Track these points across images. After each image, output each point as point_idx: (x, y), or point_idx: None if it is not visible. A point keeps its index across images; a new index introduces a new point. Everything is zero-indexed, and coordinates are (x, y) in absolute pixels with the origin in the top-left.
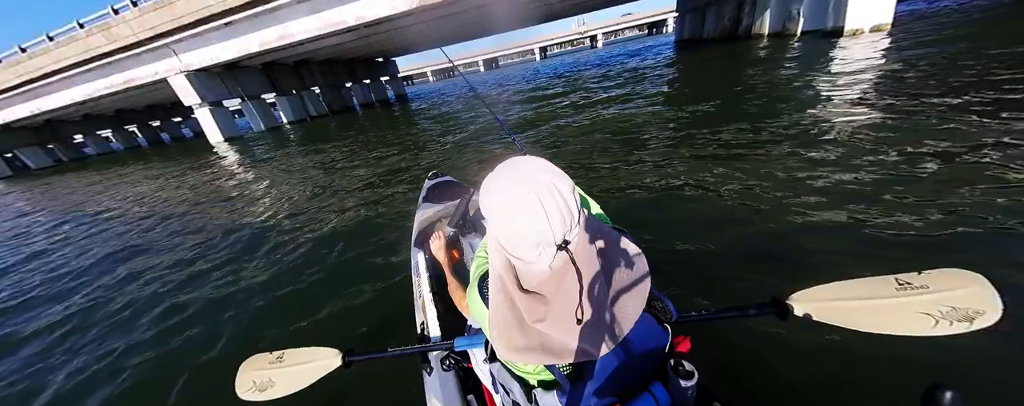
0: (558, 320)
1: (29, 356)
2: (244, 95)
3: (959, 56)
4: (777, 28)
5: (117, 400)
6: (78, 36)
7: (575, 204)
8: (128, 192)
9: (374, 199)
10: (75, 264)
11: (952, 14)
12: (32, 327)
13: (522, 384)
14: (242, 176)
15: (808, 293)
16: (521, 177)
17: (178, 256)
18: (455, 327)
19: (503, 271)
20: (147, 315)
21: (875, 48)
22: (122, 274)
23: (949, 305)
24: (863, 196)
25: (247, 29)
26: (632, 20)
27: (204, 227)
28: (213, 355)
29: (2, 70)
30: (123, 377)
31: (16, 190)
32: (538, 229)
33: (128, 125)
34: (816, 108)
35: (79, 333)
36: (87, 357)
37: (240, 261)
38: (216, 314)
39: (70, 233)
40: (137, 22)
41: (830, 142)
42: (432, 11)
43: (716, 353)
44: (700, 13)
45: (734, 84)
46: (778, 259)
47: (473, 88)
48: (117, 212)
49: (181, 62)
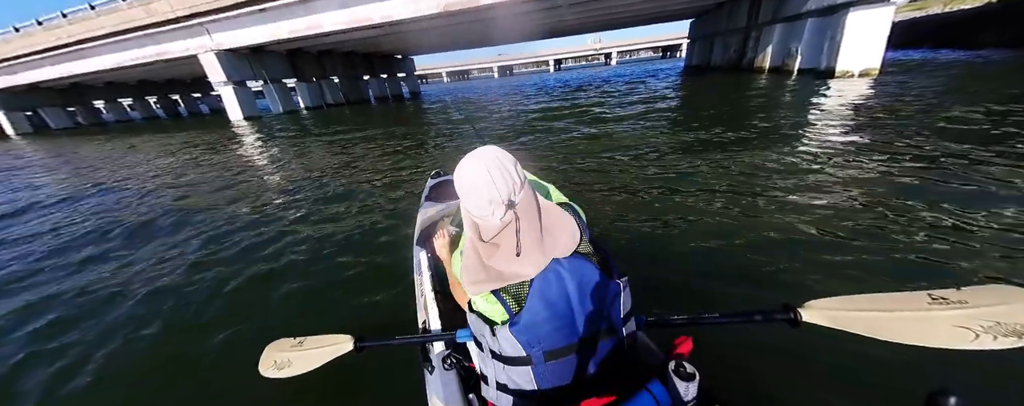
0: (504, 256)
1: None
2: (267, 78)
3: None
4: (777, 63)
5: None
6: (120, 7)
7: (517, 174)
8: (167, 162)
9: (383, 192)
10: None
11: (938, 66)
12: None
13: (490, 326)
14: (263, 155)
15: (824, 302)
16: (476, 156)
17: (203, 234)
18: (457, 324)
19: (469, 229)
20: (173, 292)
21: (859, 90)
22: (169, 241)
23: (992, 320)
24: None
25: (279, 16)
26: (649, 42)
27: (226, 206)
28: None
29: (42, 32)
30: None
31: (59, 147)
32: (486, 190)
33: (148, 96)
34: (803, 140)
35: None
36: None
37: (251, 248)
38: (226, 298)
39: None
40: (177, 0)
41: (818, 171)
42: (453, 16)
43: (716, 354)
44: (709, 42)
45: (733, 108)
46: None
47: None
48: (168, 179)
49: (213, 41)
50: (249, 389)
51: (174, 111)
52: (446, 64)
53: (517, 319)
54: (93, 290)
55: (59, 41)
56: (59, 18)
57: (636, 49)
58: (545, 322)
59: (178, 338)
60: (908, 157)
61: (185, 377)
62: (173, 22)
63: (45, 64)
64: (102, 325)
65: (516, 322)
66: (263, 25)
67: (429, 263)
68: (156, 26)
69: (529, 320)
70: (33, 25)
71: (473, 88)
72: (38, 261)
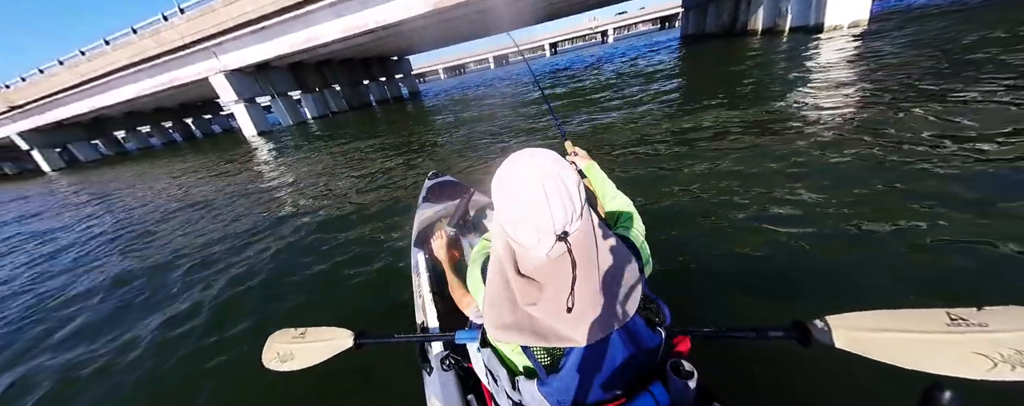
0: (549, 306)
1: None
2: (274, 93)
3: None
4: (769, 24)
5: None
6: (132, 41)
7: (579, 198)
8: (201, 182)
9: (386, 193)
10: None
11: (924, 9)
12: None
13: (508, 371)
14: (278, 169)
15: (837, 320)
16: (531, 165)
17: (235, 235)
18: (455, 325)
19: (503, 253)
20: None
21: (848, 44)
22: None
23: (1014, 348)
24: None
25: (279, 32)
26: (645, 14)
27: (253, 214)
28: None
29: (64, 71)
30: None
31: (93, 177)
32: (539, 216)
33: (164, 122)
34: (805, 99)
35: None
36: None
37: (279, 248)
38: (236, 295)
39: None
40: (184, 27)
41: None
42: (445, 12)
43: (714, 353)
44: (703, 9)
45: (721, 83)
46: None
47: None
48: (210, 194)
49: (220, 62)
50: (251, 382)
51: (189, 134)
52: (441, 61)
53: (549, 381)
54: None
55: (81, 78)
56: (78, 56)
57: (633, 22)
58: (581, 385)
59: (177, 337)
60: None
61: (184, 369)
62: (182, 49)
63: (70, 101)
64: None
65: (547, 383)
66: (265, 43)
67: (427, 264)
68: (167, 54)
69: (564, 385)
70: (55, 65)
71: (467, 83)
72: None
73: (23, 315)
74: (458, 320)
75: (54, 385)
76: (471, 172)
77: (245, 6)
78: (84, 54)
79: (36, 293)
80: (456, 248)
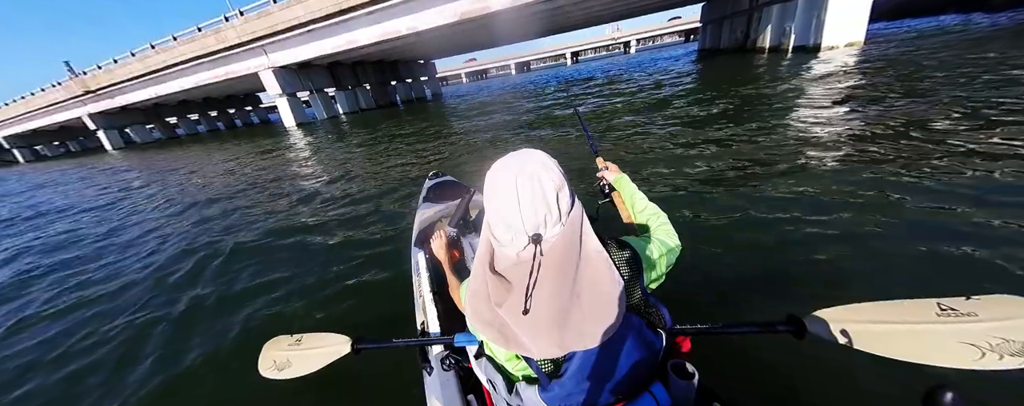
0: (512, 309)
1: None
2: (313, 89)
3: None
4: (775, 43)
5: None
6: (197, 37)
7: (555, 203)
8: (266, 163)
9: (409, 188)
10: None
11: (912, 34)
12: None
13: (505, 378)
14: (319, 155)
15: (830, 313)
16: (514, 163)
17: (268, 222)
18: (455, 325)
19: (484, 247)
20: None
21: (844, 62)
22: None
23: (1001, 336)
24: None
25: (323, 35)
26: (672, 26)
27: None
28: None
29: (136, 62)
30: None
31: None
32: (507, 213)
33: (210, 111)
34: (798, 117)
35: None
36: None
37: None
38: (234, 298)
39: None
40: (241, 28)
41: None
42: (469, 23)
43: (715, 353)
44: (718, 25)
45: (725, 93)
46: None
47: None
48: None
49: (269, 60)
50: (247, 389)
51: (231, 123)
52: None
53: (551, 387)
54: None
55: (149, 68)
56: (148, 49)
57: (657, 34)
58: (583, 390)
59: (175, 334)
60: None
61: (180, 369)
62: (238, 46)
63: (136, 88)
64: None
65: (549, 389)
66: (310, 43)
67: (427, 264)
68: (225, 50)
69: (566, 391)
70: (128, 56)
71: (489, 87)
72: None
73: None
74: (458, 320)
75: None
76: (472, 172)
77: (296, 11)
78: (154, 47)
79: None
80: (456, 248)
